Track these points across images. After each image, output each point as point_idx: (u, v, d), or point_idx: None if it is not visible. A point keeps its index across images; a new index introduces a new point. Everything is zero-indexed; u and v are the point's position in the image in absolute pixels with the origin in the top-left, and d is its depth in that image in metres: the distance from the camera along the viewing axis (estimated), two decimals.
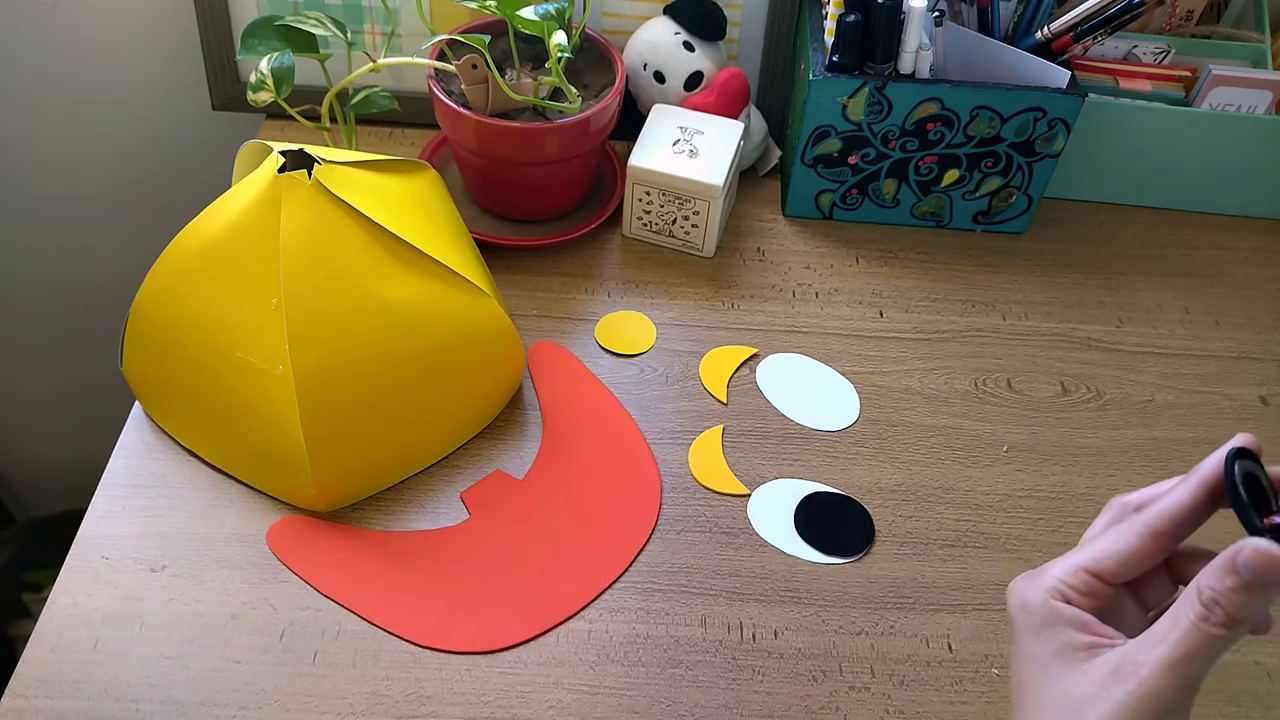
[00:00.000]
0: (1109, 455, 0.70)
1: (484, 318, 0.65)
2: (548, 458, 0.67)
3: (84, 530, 0.61)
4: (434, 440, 0.66)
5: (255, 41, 0.75)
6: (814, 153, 0.81)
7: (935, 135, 0.79)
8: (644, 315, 0.77)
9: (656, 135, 0.79)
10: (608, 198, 0.84)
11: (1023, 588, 0.40)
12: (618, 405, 0.70)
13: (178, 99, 0.96)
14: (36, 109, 0.97)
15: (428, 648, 0.58)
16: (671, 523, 0.65)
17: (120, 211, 1.05)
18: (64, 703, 0.54)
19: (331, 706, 0.55)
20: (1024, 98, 0.77)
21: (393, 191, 0.65)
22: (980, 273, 0.82)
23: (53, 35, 0.92)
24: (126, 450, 0.65)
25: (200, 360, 0.62)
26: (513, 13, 0.71)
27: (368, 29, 0.86)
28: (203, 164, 0.98)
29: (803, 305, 0.79)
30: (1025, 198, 0.83)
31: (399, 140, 0.89)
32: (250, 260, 0.59)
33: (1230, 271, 0.84)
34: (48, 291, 1.13)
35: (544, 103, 0.75)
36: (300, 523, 0.63)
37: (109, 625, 0.57)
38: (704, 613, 0.60)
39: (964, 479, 0.68)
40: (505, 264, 0.78)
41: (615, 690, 0.57)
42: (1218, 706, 0.58)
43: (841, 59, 0.77)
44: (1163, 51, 0.87)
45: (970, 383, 0.74)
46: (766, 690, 0.57)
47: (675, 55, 0.83)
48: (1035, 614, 0.39)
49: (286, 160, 0.61)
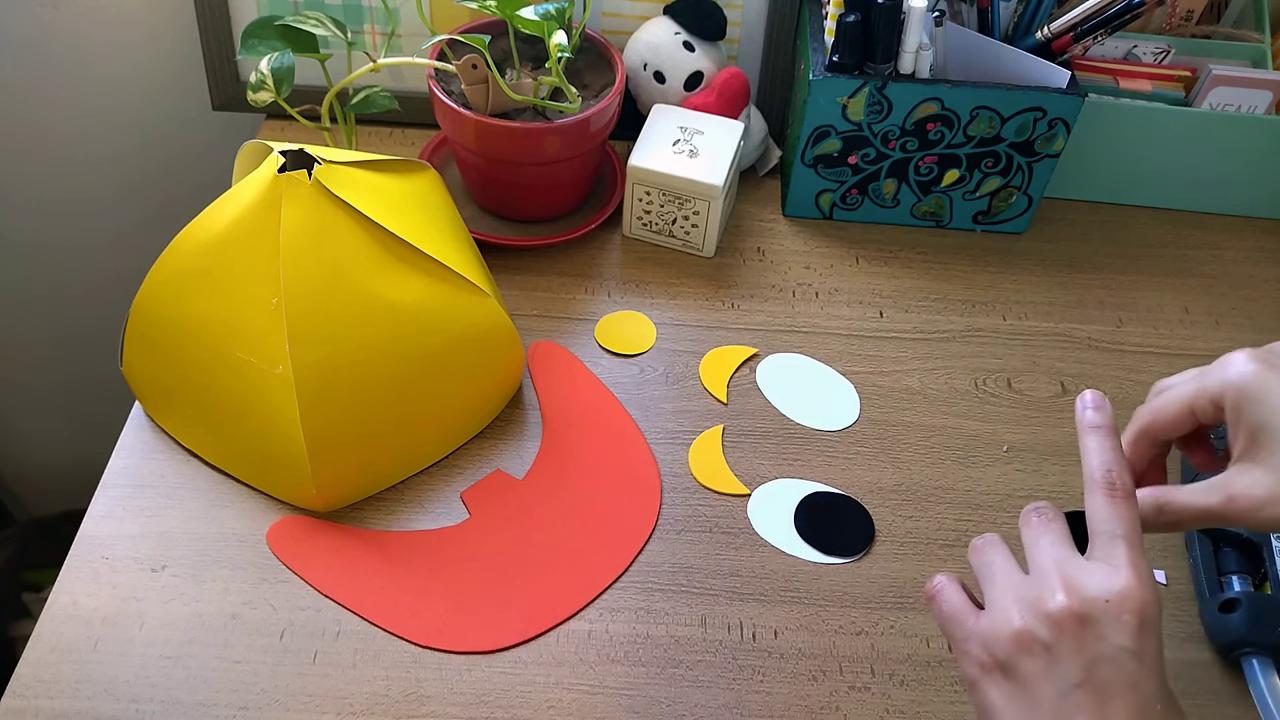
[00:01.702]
0: None
1: (484, 318, 0.65)
2: (548, 458, 0.67)
3: (84, 530, 0.61)
4: (434, 440, 0.66)
5: (255, 41, 0.75)
6: (814, 153, 0.81)
7: (935, 135, 0.79)
8: (644, 315, 0.77)
9: (656, 135, 0.79)
10: (608, 198, 0.84)
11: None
12: (618, 405, 0.70)
13: (178, 99, 0.96)
14: (36, 109, 0.97)
15: (428, 648, 0.58)
16: (671, 523, 0.65)
17: (120, 211, 1.05)
18: (64, 703, 0.54)
19: (331, 706, 0.55)
20: (1024, 98, 0.77)
21: (393, 191, 0.65)
22: (980, 273, 0.82)
23: (53, 35, 0.92)
24: (126, 450, 0.65)
25: (200, 360, 0.62)
26: (513, 13, 0.71)
27: (368, 29, 0.86)
28: (203, 164, 0.98)
29: (803, 305, 0.79)
30: (1025, 198, 0.83)
31: (399, 140, 0.89)
32: (250, 260, 0.59)
33: (1230, 271, 0.84)
34: (48, 291, 1.13)
35: (544, 103, 0.75)
36: (300, 523, 0.63)
37: (109, 625, 0.57)
38: (704, 613, 0.60)
39: (964, 479, 0.68)
40: (505, 264, 0.78)
41: (615, 690, 0.57)
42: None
43: (841, 59, 0.77)
44: (1163, 51, 0.87)
45: (970, 383, 0.74)
46: (766, 690, 0.57)
47: (675, 55, 0.83)
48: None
49: (286, 160, 0.61)
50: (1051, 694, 0.40)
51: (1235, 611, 0.59)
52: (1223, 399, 0.45)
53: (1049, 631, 0.40)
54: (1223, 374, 0.45)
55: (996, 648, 0.41)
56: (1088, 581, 0.40)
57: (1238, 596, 0.59)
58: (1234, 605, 0.59)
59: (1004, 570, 0.43)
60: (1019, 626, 0.41)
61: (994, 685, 0.41)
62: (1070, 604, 0.40)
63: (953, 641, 0.44)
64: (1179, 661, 0.60)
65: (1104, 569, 0.41)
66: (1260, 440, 0.43)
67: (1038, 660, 0.40)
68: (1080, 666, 0.39)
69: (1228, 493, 0.44)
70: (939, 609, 0.45)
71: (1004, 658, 0.41)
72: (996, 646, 0.41)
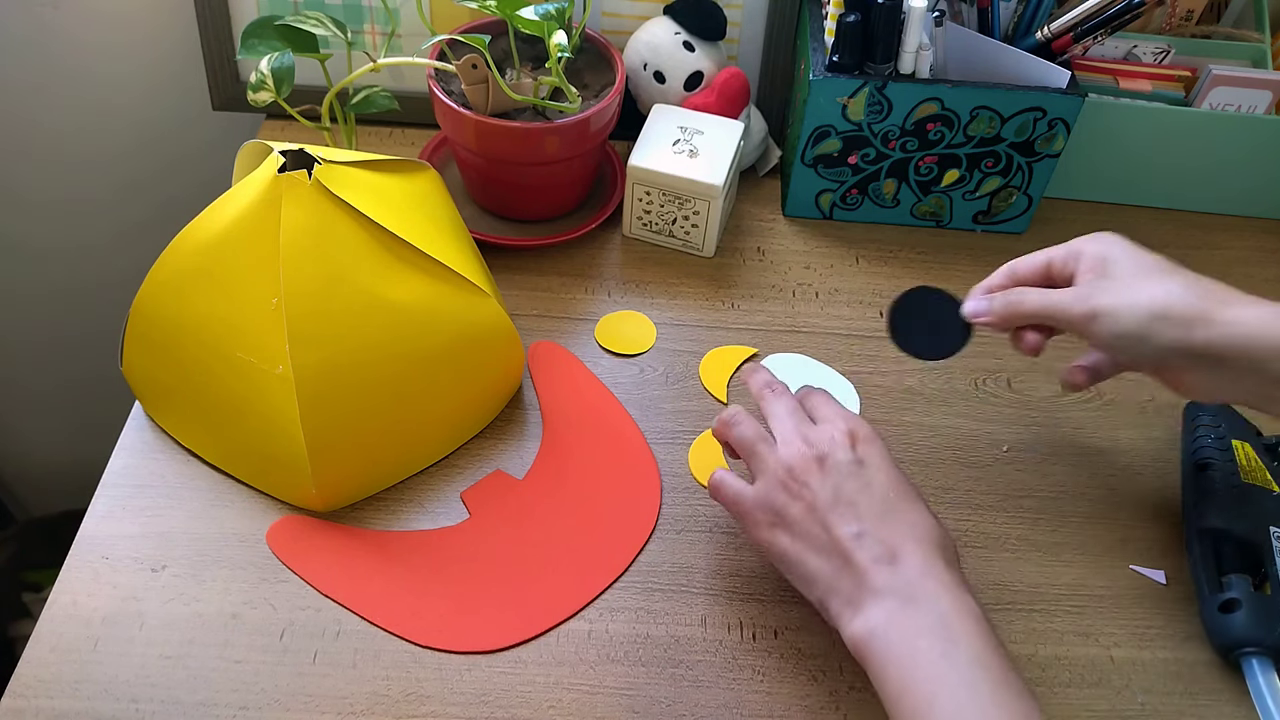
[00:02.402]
0: (1109, 455, 0.70)
1: (484, 318, 0.65)
2: (548, 458, 0.67)
3: (84, 530, 0.61)
4: (434, 440, 0.66)
5: (255, 41, 0.75)
6: (814, 153, 0.81)
7: (935, 135, 0.79)
8: (644, 315, 0.77)
9: (656, 135, 0.79)
10: (608, 198, 0.84)
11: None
12: (618, 405, 0.70)
13: (178, 99, 0.96)
14: (36, 109, 0.97)
15: (428, 648, 0.58)
16: (671, 523, 0.65)
17: (120, 211, 1.05)
18: (64, 703, 0.54)
19: (331, 706, 0.55)
20: (1024, 98, 0.77)
21: (393, 191, 0.65)
22: (980, 273, 0.81)
23: (53, 35, 0.92)
24: (126, 450, 0.65)
25: (200, 360, 0.62)
26: (513, 13, 0.71)
27: (368, 29, 0.86)
28: (203, 164, 0.98)
29: (803, 305, 0.79)
30: (1025, 198, 0.83)
31: (399, 140, 0.89)
32: (250, 260, 0.59)
33: (1230, 271, 0.84)
34: (48, 291, 1.13)
35: (544, 103, 0.75)
36: (300, 523, 0.63)
37: (109, 625, 0.57)
38: (704, 613, 0.60)
39: (964, 479, 0.68)
40: (505, 264, 0.78)
41: (615, 690, 0.57)
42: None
43: (841, 59, 0.77)
44: (1163, 51, 0.87)
45: (970, 383, 0.74)
46: (766, 690, 0.57)
47: (675, 55, 0.83)
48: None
49: (286, 160, 0.61)
50: (817, 516, 0.53)
51: (1235, 612, 0.59)
52: (1077, 248, 0.59)
53: (802, 475, 0.54)
54: (1080, 240, 0.59)
55: (772, 505, 0.54)
56: (815, 435, 0.55)
57: (1237, 597, 0.59)
58: (1234, 605, 0.59)
59: (763, 445, 0.56)
60: (783, 480, 0.54)
61: (780, 534, 0.54)
62: (808, 452, 0.54)
63: (744, 520, 0.56)
64: (1179, 661, 0.60)
65: (824, 425, 0.56)
66: (1108, 269, 0.56)
67: (801, 500, 0.53)
68: (829, 488, 0.53)
69: (1091, 304, 0.56)
70: (725, 496, 0.57)
71: (780, 510, 0.54)
72: (772, 504, 0.54)
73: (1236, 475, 0.64)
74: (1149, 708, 0.58)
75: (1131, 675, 0.59)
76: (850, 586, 0.51)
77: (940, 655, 0.47)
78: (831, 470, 0.53)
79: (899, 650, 0.48)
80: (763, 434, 0.57)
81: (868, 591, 0.50)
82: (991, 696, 0.46)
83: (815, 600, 0.54)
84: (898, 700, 0.48)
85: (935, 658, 0.47)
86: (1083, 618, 0.62)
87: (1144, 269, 0.56)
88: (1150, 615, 0.62)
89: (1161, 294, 0.54)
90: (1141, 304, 0.54)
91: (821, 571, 0.52)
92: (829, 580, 0.52)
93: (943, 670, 0.47)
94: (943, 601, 0.49)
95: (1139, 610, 0.62)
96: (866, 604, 0.50)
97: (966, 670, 0.47)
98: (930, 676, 0.47)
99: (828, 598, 0.52)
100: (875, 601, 0.50)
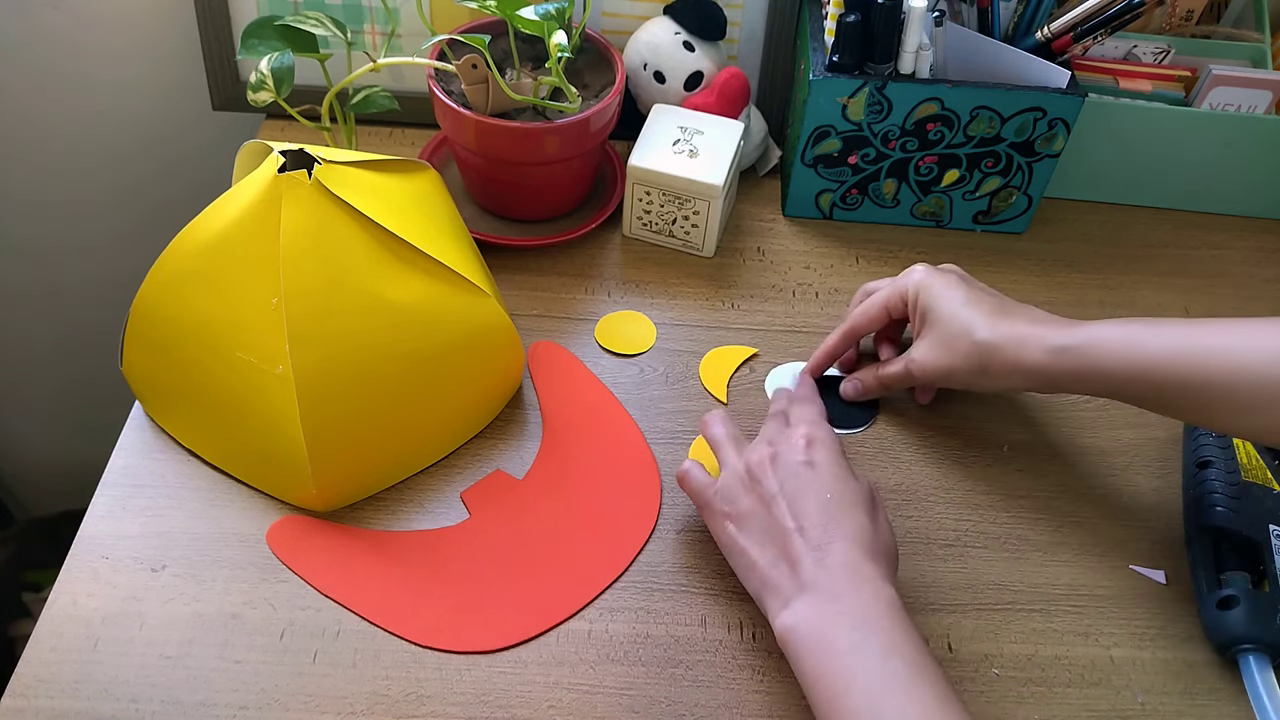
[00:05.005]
0: (1109, 455, 0.70)
1: (484, 318, 0.65)
2: (548, 458, 0.67)
3: (84, 530, 0.61)
4: (434, 440, 0.66)
5: (255, 41, 0.75)
6: (814, 153, 0.81)
7: (935, 135, 0.79)
8: (644, 315, 0.77)
9: (656, 135, 0.79)
10: (608, 198, 0.84)
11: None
12: (618, 405, 0.70)
13: (178, 99, 0.96)
14: (36, 110, 0.97)
15: (428, 648, 0.58)
16: (671, 523, 0.65)
17: (120, 212, 1.05)
18: (64, 703, 0.54)
19: (331, 706, 0.55)
20: (1024, 98, 0.77)
21: (393, 191, 0.65)
22: (980, 273, 0.82)
23: (52, 36, 0.92)
24: (126, 450, 0.65)
25: (200, 360, 0.62)
26: (513, 13, 0.71)
27: (368, 29, 0.86)
28: (203, 164, 0.98)
29: (803, 305, 0.79)
30: (1025, 198, 0.83)
31: (399, 140, 0.89)
32: (250, 260, 0.59)
33: (1230, 271, 0.85)
34: (48, 292, 1.13)
35: (544, 103, 0.75)
36: (300, 523, 0.63)
37: (109, 625, 0.57)
38: (704, 613, 0.60)
39: (964, 479, 0.68)
40: (505, 264, 0.78)
41: (615, 690, 0.57)
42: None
43: (841, 59, 0.77)
44: (1163, 51, 0.87)
45: None
46: (766, 690, 0.57)
47: (675, 55, 0.83)
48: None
49: (286, 160, 0.61)
50: (764, 510, 0.56)
51: (1233, 609, 0.59)
52: (907, 294, 0.66)
53: (757, 472, 0.57)
54: (907, 279, 0.67)
55: (729, 497, 0.58)
56: (778, 437, 0.59)
57: (1235, 594, 0.59)
58: (1232, 602, 0.59)
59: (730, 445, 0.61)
60: (742, 476, 0.58)
61: (730, 524, 0.57)
62: (767, 451, 0.58)
63: (704, 510, 0.60)
64: (1179, 661, 0.60)
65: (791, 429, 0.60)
66: (928, 320, 0.65)
67: (751, 494, 0.57)
68: (776, 482, 0.56)
69: (907, 360, 0.66)
70: (690, 485, 0.61)
71: (734, 501, 0.57)
72: (729, 496, 0.58)
73: (1237, 473, 0.64)
74: (1149, 707, 0.58)
75: (1131, 675, 0.59)
76: (781, 579, 0.54)
77: (854, 645, 0.50)
78: (781, 468, 0.57)
79: (815, 642, 0.51)
80: (735, 435, 0.62)
81: (796, 585, 0.53)
82: (906, 685, 0.48)
83: (753, 593, 0.56)
84: (813, 689, 0.50)
85: (849, 647, 0.50)
86: (1083, 618, 0.62)
87: (954, 318, 0.63)
88: (1150, 615, 0.62)
89: (953, 359, 0.63)
90: (942, 365, 0.64)
91: (759, 562, 0.55)
92: (764, 571, 0.55)
93: (856, 660, 0.49)
94: (864, 594, 0.51)
95: (1139, 610, 0.62)
96: (793, 598, 0.53)
97: (880, 660, 0.49)
98: (845, 667, 0.49)
99: (763, 590, 0.55)
100: (800, 595, 0.52)
